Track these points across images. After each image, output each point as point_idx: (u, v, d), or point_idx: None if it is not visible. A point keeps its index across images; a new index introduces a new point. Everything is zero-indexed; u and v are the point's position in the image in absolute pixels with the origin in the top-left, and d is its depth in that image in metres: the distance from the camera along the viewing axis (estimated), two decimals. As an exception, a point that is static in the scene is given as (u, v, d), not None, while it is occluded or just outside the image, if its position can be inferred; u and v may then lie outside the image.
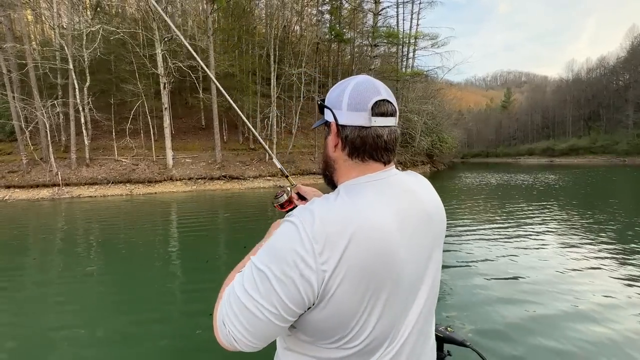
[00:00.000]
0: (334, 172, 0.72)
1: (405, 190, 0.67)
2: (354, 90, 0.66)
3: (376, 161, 0.67)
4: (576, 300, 3.52)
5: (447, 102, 36.80)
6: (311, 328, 0.60)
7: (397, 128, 0.71)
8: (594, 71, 69.40)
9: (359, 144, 0.65)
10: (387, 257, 0.58)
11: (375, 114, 0.65)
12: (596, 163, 44.22)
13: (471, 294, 3.72)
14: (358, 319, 0.58)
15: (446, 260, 4.91)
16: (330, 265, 0.54)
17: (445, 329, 1.11)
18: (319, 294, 0.55)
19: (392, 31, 26.33)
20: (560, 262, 4.75)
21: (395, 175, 0.69)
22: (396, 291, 0.61)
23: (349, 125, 0.65)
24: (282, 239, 0.57)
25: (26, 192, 14.51)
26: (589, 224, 7.20)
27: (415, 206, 0.67)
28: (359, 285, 0.56)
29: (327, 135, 0.71)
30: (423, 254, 0.67)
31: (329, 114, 0.69)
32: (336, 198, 0.62)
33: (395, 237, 0.60)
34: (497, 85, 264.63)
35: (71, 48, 15.09)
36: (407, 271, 0.62)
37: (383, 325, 0.61)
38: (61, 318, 3.42)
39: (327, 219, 0.57)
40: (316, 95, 22.08)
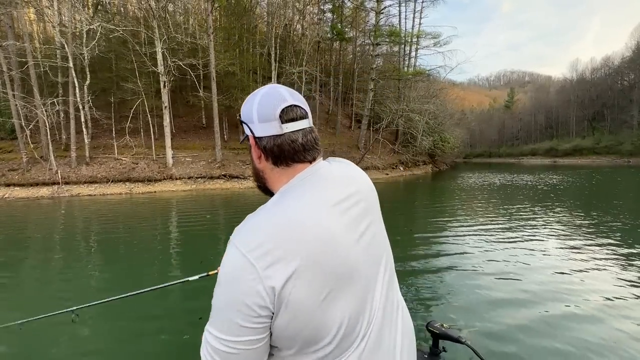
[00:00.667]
0: (266, 182, 0.74)
1: (334, 178, 0.70)
2: (260, 102, 0.68)
3: (301, 162, 0.69)
4: (576, 301, 3.49)
5: (450, 102, 36.56)
6: (284, 338, 0.60)
7: (313, 127, 0.73)
8: (598, 71, 68.85)
9: (277, 152, 0.68)
10: (333, 249, 0.61)
11: (285, 120, 0.67)
12: (600, 164, 43.82)
13: (469, 292, 3.70)
14: (321, 316, 0.59)
15: (447, 261, 4.82)
16: (278, 273, 0.55)
17: (441, 326, 1.13)
18: (275, 303, 0.56)
19: (394, 30, 26.15)
20: (562, 263, 4.70)
21: (322, 168, 0.71)
22: (352, 277, 0.63)
23: (265, 136, 0.67)
24: (225, 265, 0.58)
25: (26, 190, 14.50)
26: (593, 225, 7.06)
27: (347, 189, 0.70)
28: (313, 282, 0.57)
29: (250, 148, 0.73)
30: (368, 233, 0.70)
31: (246, 128, 0.70)
32: (271, 206, 0.64)
33: (336, 227, 0.63)
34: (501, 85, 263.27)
35: (71, 46, 15.05)
36: (356, 255, 0.65)
37: (351, 315, 0.63)
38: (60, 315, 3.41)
39: (265, 229, 0.59)
40: (316, 94, 21.96)
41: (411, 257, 5.05)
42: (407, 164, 26.52)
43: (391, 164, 25.27)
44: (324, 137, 24.69)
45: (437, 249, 5.49)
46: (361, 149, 24.41)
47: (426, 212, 10.06)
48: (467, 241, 5.96)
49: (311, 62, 23.21)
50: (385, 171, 23.80)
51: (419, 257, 5.06)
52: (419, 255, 5.16)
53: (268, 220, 0.61)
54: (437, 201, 12.55)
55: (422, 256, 5.10)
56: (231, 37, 21.01)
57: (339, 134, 26.40)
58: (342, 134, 26.85)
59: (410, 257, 5.01)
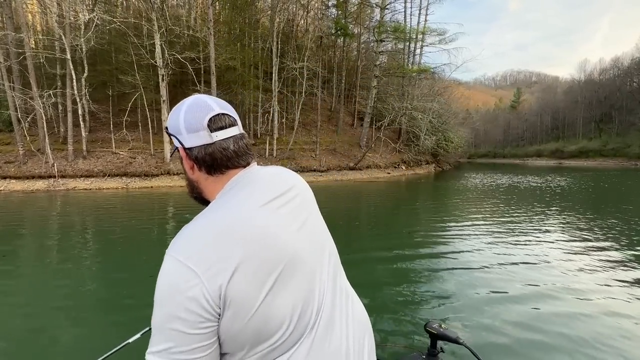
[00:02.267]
0: (202, 192, 0.74)
1: (265, 178, 0.72)
2: (187, 114, 0.68)
3: (235, 168, 0.71)
4: (579, 304, 3.45)
5: (455, 101, 36.02)
6: (232, 339, 0.59)
7: (244, 134, 0.74)
8: (607, 72, 67.72)
9: (210, 161, 0.69)
10: (271, 242, 0.62)
11: (214, 129, 0.67)
12: (606, 166, 43.18)
13: (467, 294, 3.65)
14: (268, 310, 0.59)
15: (446, 262, 4.76)
16: (219, 275, 0.56)
17: (439, 326, 1.11)
18: (220, 305, 0.56)
19: (398, 25, 25.67)
20: (567, 266, 4.59)
21: (253, 170, 0.73)
22: (296, 266, 0.64)
23: (195, 147, 0.68)
24: (163, 277, 0.58)
25: (22, 183, 14.35)
26: (600, 229, 6.76)
27: (279, 187, 0.72)
28: (254, 277, 0.58)
29: (181, 160, 0.73)
30: (308, 224, 0.72)
31: (175, 141, 0.70)
32: (206, 213, 0.65)
33: (271, 222, 0.65)
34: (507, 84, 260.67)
35: (69, 37, 14.82)
36: (298, 244, 0.67)
37: (300, 304, 0.64)
38: (57, 309, 3.37)
39: (199, 232, 0.60)
40: (318, 91, 21.61)
41: (410, 257, 4.99)
42: (409, 163, 26.12)
43: (393, 162, 24.91)
44: (326, 135, 24.37)
45: (437, 251, 5.38)
46: (363, 147, 24.06)
47: (427, 212, 9.75)
48: (468, 243, 5.79)
49: (313, 58, 22.84)
50: (387, 170, 23.45)
51: (419, 257, 5.00)
52: (418, 256, 5.09)
53: (202, 226, 0.61)
54: (439, 202, 12.22)
55: (422, 257, 5.03)
56: (232, 30, 20.68)
57: (341, 132, 26.06)
58: (344, 132, 26.50)
59: (409, 258, 4.96)
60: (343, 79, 28.03)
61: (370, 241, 6.24)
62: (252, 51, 20.62)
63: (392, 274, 4.35)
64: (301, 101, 20.64)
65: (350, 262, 4.84)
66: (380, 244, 5.83)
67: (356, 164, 21.64)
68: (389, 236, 6.58)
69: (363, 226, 7.73)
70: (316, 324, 0.66)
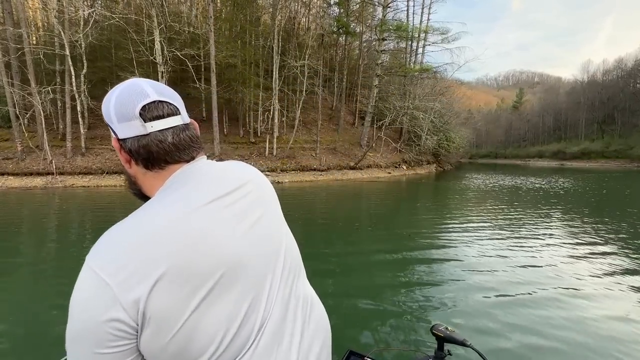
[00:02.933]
0: (141, 188, 0.66)
1: (211, 174, 0.64)
2: (117, 100, 0.59)
3: (176, 163, 0.63)
4: (586, 308, 3.42)
5: (456, 101, 35.80)
6: (155, 358, 0.52)
7: (188, 125, 0.66)
8: (610, 73, 67.36)
9: (145, 154, 0.60)
10: (207, 248, 0.55)
11: (148, 119, 0.59)
12: (609, 168, 42.94)
13: (473, 296, 3.63)
14: (195, 325, 0.52)
15: (451, 264, 4.69)
16: (137, 287, 0.49)
17: (446, 329, 1.09)
18: (139, 319, 0.50)
19: (400, 24, 25.48)
20: (573, 270, 4.54)
21: (198, 166, 0.64)
22: (237, 274, 0.57)
23: (128, 138, 0.60)
24: (76, 290, 0.51)
25: (19, 180, 14.24)
26: (605, 233, 6.61)
27: (229, 184, 0.64)
28: (181, 289, 0.51)
29: (119, 154, 0.65)
30: (259, 226, 0.64)
31: (111, 130, 0.62)
32: (134, 214, 0.57)
33: (210, 225, 0.57)
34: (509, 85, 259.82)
35: (68, 33, 14.69)
36: (242, 249, 0.59)
37: (238, 316, 0.56)
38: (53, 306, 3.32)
39: (121, 241, 0.53)
40: (319, 90, 21.44)
41: (414, 259, 4.95)
42: (410, 163, 25.97)
43: (394, 162, 24.76)
44: (326, 134, 24.21)
45: (441, 253, 5.30)
46: (363, 146, 23.91)
47: (429, 213, 9.60)
48: (473, 245, 5.70)
49: (314, 56, 22.68)
50: (388, 170, 23.30)
51: (423, 259, 4.95)
52: (422, 257, 5.04)
53: (126, 230, 0.54)
54: (440, 203, 12.08)
55: (426, 259, 4.97)
56: (233, 28, 20.52)
57: (342, 131, 25.91)
58: (345, 131, 26.35)
59: (413, 260, 4.93)
60: (344, 77, 27.86)
61: (371, 243, 6.11)
62: (253, 49, 20.46)
63: (396, 277, 4.29)
64: (302, 100, 20.48)
65: (351, 264, 4.72)
66: (382, 246, 5.73)
67: (357, 163, 21.50)
68: (390, 238, 6.45)
69: (363, 227, 7.60)
70: (258, 337, 0.59)
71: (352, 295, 3.63)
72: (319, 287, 3.39)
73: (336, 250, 5.37)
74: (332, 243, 5.85)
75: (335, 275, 4.29)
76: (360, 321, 3.06)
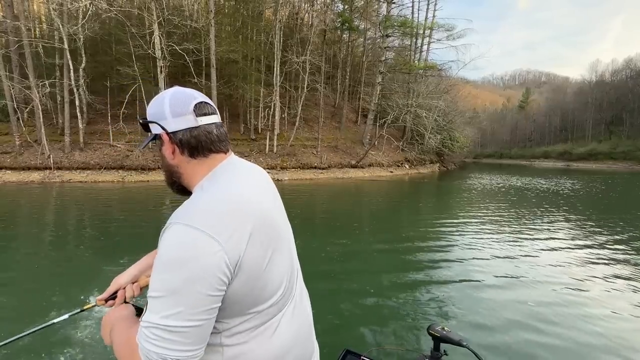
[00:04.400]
0: (181, 178, 0.77)
1: (248, 167, 0.82)
2: (172, 100, 0.72)
3: (218, 152, 0.76)
4: (587, 311, 3.42)
5: (461, 99, 35.30)
6: (234, 302, 0.64)
7: (222, 123, 0.80)
8: (619, 73, 66.12)
9: (194, 143, 0.73)
10: (269, 216, 0.72)
11: (199, 114, 0.73)
12: (616, 169, 42.23)
13: (470, 297, 3.64)
14: (268, 275, 0.69)
15: (449, 266, 4.70)
16: (238, 243, 0.62)
17: (442, 329, 1.10)
18: (235, 270, 0.62)
19: (405, 20, 25.02)
20: (573, 272, 4.54)
21: (238, 159, 0.82)
22: (281, 246, 0.74)
23: (179, 130, 0.72)
24: (178, 246, 0.59)
25: (17, 174, 14.15)
26: (611, 236, 6.38)
27: (260, 176, 0.83)
28: (261, 246, 0.67)
29: (161, 147, 0.76)
30: (281, 209, 0.84)
31: (155, 128, 0.73)
32: (209, 188, 0.70)
33: (265, 203, 0.74)
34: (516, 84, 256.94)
35: (66, 27, 14.51)
36: (281, 221, 0.78)
37: (286, 272, 0.76)
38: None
39: (213, 205, 0.64)
40: (320, 86, 21.13)
41: (412, 261, 4.91)
42: (413, 162, 25.60)
43: (396, 161, 24.41)
44: (328, 132, 23.91)
45: (439, 254, 5.26)
46: (365, 144, 23.59)
47: (430, 215, 9.32)
48: (473, 248, 5.63)
49: (316, 52, 22.35)
50: (390, 169, 22.98)
51: (420, 260, 4.91)
52: (420, 259, 4.99)
53: (215, 200, 0.66)
54: (443, 204, 11.77)
55: (424, 260, 4.92)
56: (234, 23, 20.24)
57: (344, 129, 25.59)
58: (347, 129, 26.04)
59: (411, 261, 4.89)
60: (347, 75, 27.50)
61: (370, 243, 5.99)
62: (254, 44, 20.18)
63: (394, 277, 4.25)
64: (303, 96, 20.18)
65: (348, 264, 4.68)
66: (380, 247, 5.69)
67: (358, 161, 21.20)
68: (389, 238, 6.34)
69: (362, 227, 7.36)
70: (294, 290, 0.80)
71: (349, 295, 3.66)
72: (316, 287, 3.31)
73: (334, 250, 5.33)
74: (331, 243, 5.80)
75: (333, 275, 4.25)
76: (357, 321, 3.09)
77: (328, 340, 2.68)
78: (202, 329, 0.59)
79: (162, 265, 0.59)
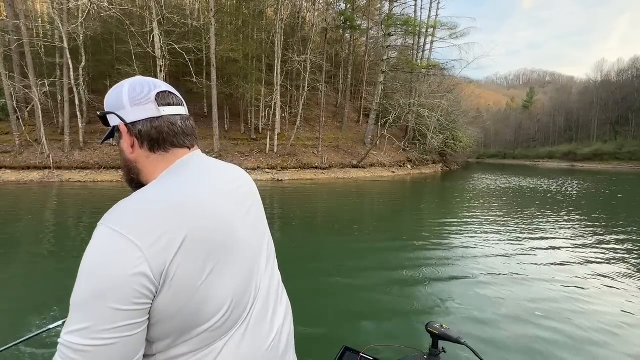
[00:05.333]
0: (140, 174, 0.70)
1: (215, 165, 0.74)
2: (132, 88, 0.67)
3: (180, 147, 0.70)
4: (581, 306, 3.45)
5: (465, 99, 34.97)
6: (164, 321, 0.55)
7: (190, 116, 0.74)
8: (625, 72, 65.32)
9: (155, 135, 0.66)
10: (220, 223, 0.62)
11: (162, 104, 0.67)
12: (621, 170, 41.69)
13: (471, 296, 3.65)
14: (206, 291, 0.58)
15: (449, 265, 4.67)
16: (164, 251, 0.53)
17: (441, 326, 1.10)
18: (160, 282, 0.53)
19: (408, 18, 24.78)
20: (575, 274, 4.46)
21: (203, 155, 0.74)
22: (233, 260, 0.63)
23: (139, 120, 0.66)
24: (96, 250, 0.53)
25: (16, 174, 14.11)
26: (616, 236, 6.23)
27: (229, 174, 0.74)
28: (199, 256, 0.57)
29: (119, 140, 0.69)
30: (252, 211, 0.74)
31: (113, 119, 0.68)
32: (151, 187, 0.62)
33: (222, 203, 0.65)
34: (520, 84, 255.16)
35: (66, 25, 14.45)
36: (243, 229, 0.68)
37: (238, 288, 0.64)
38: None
39: (145, 205, 0.57)
40: (322, 86, 20.95)
41: (412, 260, 4.88)
42: (415, 163, 25.37)
43: (398, 161, 24.19)
44: (330, 132, 23.74)
45: (439, 252, 5.28)
46: (367, 144, 23.40)
47: (432, 216, 9.12)
48: (472, 246, 5.62)
49: (317, 51, 22.18)
50: (392, 169, 22.77)
51: (420, 261, 4.85)
52: (420, 259, 4.94)
53: (150, 198, 0.58)
54: (445, 205, 11.56)
55: (424, 261, 4.86)
56: (235, 21, 20.11)
57: (346, 128, 25.41)
58: (349, 128, 25.85)
59: (410, 261, 4.86)
60: (350, 74, 27.32)
61: (369, 243, 5.88)
62: (255, 43, 20.04)
63: (394, 275, 4.25)
64: (304, 95, 20.02)
65: (347, 264, 4.66)
66: (380, 247, 5.64)
67: (360, 161, 21.01)
68: (389, 239, 6.23)
69: (362, 228, 7.19)
70: (253, 307, 0.68)
71: (348, 293, 3.67)
72: (315, 285, 3.87)
73: (333, 250, 5.31)
74: (330, 243, 5.75)
75: (331, 274, 4.25)
76: (356, 318, 3.11)
77: (327, 338, 2.73)
78: (117, 348, 0.50)
79: (79, 274, 0.52)
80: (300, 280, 3.96)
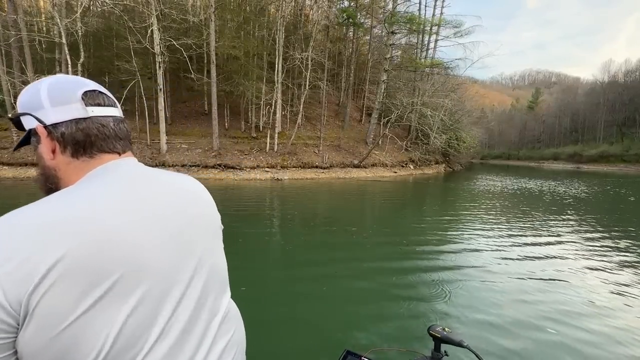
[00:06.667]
0: (59, 183, 0.60)
1: (146, 174, 0.63)
2: (52, 86, 0.59)
3: (109, 153, 0.61)
4: (588, 317, 3.31)
5: (469, 99, 34.53)
6: (34, 357, 0.47)
7: (124, 119, 0.66)
8: (632, 73, 64.41)
9: (81, 138, 0.58)
10: (114, 248, 0.51)
11: (90, 104, 0.60)
12: (628, 172, 41.04)
13: (474, 299, 3.61)
14: (82, 328, 0.48)
15: (451, 269, 4.57)
16: (24, 274, 0.45)
17: (443, 329, 1.11)
18: (21, 313, 0.46)
19: (412, 15, 24.42)
20: (579, 278, 4.40)
21: (133, 162, 0.64)
22: (141, 280, 0.53)
23: (62, 122, 0.58)
24: None
25: (14, 170, 14.02)
26: (620, 241, 5.97)
27: (165, 189, 0.63)
28: (71, 288, 0.47)
29: (37, 145, 0.60)
30: (176, 239, 0.60)
31: (29, 120, 0.59)
32: (47, 198, 0.53)
33: (127, 226, 0.54)
34: (525, 84, 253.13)
35: (64, 21, 14.29)
36: (154, 256, 0.55)
37: (126, 328, 0.51)
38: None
39: (18, 220, 0.48)
40: (322, 83, 20.66)
41: (412, 264, 4.82)
42: (418, 163, 25.03)
43: (400, 161, 23.87)
44: (331, 130, 23.48)
45: (442, 255, 5.20)
46: (369, 144, 23.10)
47: (432, 216, 8.85)
48: (474, 249, 5.54)
49: (319, 49, 21.90)
50: (394, 169, 22.45)
51: (420, 263, 4.82)
52: (420, 261, 4.90)
53: (28, 214, 0.49)
54: (447, 206, 11.27)
55: (424, 262, 4.83)
56: (236, 18, 19.87)
57: (348, 127, 25.13)
58: (351, 128, 25.57)
59: (411, 264, 4.79)
60: (352, 72, 27.02)
61: (369, 246, 5.72)
62: (257, 40, 19.80)
63: (396, 278, 4.20)
64: (305, 94, 19.76)
65: (347, 266, 4.61)
66: (380, 249, 5.53)
67: (361, 161, 20.72)
68: (389, 241, 6.07)
69: (362, 229, 6.94)
70: (151, 351, 0.53)
71: (349, 297, 3.63)
72: (316, 288, 3.85)
73: (332, 252, 5.20)
74: (329, 244, 5.64)
75: (332, 276, 4.20)
76: (358, 322, 3.08)
77: (329, 341, 2.70)
78: None
79: None
80: (298, 283, 3.90)
